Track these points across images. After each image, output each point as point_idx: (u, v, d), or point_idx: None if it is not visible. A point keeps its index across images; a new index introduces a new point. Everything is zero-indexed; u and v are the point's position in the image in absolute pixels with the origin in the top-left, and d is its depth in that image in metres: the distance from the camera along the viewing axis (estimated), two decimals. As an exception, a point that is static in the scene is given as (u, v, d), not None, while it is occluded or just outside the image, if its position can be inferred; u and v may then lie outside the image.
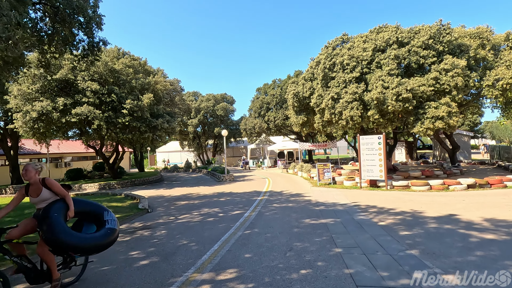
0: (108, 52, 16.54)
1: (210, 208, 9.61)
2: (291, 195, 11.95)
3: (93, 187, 17.40)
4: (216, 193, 13.45)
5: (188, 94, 40.52)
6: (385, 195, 10.94)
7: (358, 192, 11.91)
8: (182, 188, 16.07)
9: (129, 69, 15.87)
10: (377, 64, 14.91)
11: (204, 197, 12.22)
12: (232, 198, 11.55)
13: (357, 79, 15.16)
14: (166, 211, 9.60)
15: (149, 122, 15.89)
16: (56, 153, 29.54)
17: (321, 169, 15.17)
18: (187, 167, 33.08)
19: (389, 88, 13.72)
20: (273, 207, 9.43)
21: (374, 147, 12.73)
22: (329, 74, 16.30)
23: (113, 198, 11.52)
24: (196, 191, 14.34)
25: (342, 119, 15.20)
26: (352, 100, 14.59)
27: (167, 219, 8.25)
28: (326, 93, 16.09)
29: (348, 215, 7.87)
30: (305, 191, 13.02)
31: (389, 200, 9.78)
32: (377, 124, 15.12)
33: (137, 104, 14.99)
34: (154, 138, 16.94)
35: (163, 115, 17.38)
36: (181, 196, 12.93)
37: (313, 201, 10.30)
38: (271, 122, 30.78)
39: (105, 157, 19.09)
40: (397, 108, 13.49)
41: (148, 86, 16.57)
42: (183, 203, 11.06)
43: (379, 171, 12.51)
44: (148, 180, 19.29)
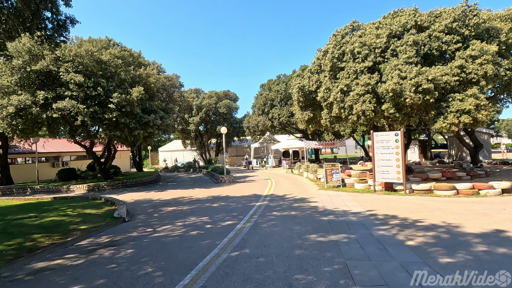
0: (96, 42, 15.22)
1: (198, 217, 8.14)
2: (295, 200, 10.43)
3: (82, 188, 16.13)
4: (210, 197, 11.99)
5: (190, 91, 39.17)
6: (405, 201, 9.33)
7: (372, 197, 10.32)
8: (176, 190, 14.67)
9: (117, 60, 14.49)
10: (392, 52, 13.25)
11: (196, 202, 10.78)
12: (227, 204, 10.07)
13: (369, 69, 13.52)
14: (146, 220, 8.18)
15: (140, 118, 14.51)
16: (53, 152, 28.51)
17: (329, 170, 13.59)
18: (188, 167, 31.77)
19: (406, 78, 12.06)
20: (272, 216, 7.93)
21: (390, 145, 11.11)
22: (338, 64, 14.68)
23: (90, 204, 10.15)
24: (189, 194, 12.92)
25: (353, 114, 13.59)
26: (364, 92, 12.97)
27: (142, 232, 6.82)
28: (335, 86, 14.49)
29: (364, 228, 6.31)
30: (311, 195, 11.48)
31: (412, 208, 8.17)
32: (392, 120, 13.46)
33: (126, 98, 13.62)
34: (147, 135, 15.56)
35: (156, 111, 15.99)
36: (171, 200, 11.52)
37: (320, 208, 8.76)
38: (276, 119, 29.20)
39: (96, 157, 17.83)
40: (416, 101, 11.83)
41: (139, 79, 15.20)
42: (170, 209, 9.63)
43: (396, 172, 10.88)
44: (142, 181, 17.95)
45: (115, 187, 16.41)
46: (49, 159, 28.82)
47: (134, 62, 17.27)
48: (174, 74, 26.17)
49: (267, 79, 33.37)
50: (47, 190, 16.66)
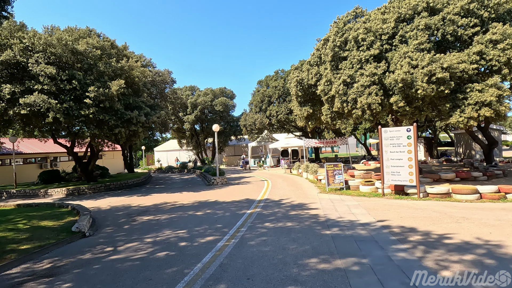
0: (72, 31, 13.81)
1: (175, 230, 6.76)
2: (292, 206, 9.04)
3: (60, 192, 14.75)
4: (197, 202, 10.61)
5: (185, 89, 37.78)
6: (421, 207, 7.93)
7: (382, 203, 8.93)
8: (161, 194, 13.28)
9: (96, 51, 13.08)
10: (401, 38, 11.85)
11: (179, 209, 9.39)
12: (213, 212, 8.68)
13: (375, 58, 12.12)
14: (112, 234, 6.79)
15: (121, 114, 13.10)
16: (40, 153, 27.09)
17: (330, 170, 12.20)
18: (183, 167, 30.38)
19: (418, 66, 10.66)
20: (263, 228, 6.54)
21: (401, 143, 9.71)
22: (340, 53, 13.27)
23: (52, 213, 8.71)
24: (174, 199, 11.53)
25: (357, 108, 12.20)
26: (370, 83, 11.58)
27: (99, 253, 5.43)
28: (337, 77, 13.09)
29: (378, 248, 4.93)
30: (310, 199, 10.09)
31: (432, 217, 6.78)
32: (401, 114, 12.07)
33: (104, 92, 12.22)
34: (131, 133, 14.17)
35: (141, 107, 14.60)
36: (151, 207, 10.13)
37: (322, 217, 7.37)
38: (273, 117, 27.79)
39: (77, 158, 16.44)
40: (429, 92, 10.44)
41: (121, 71, 13.78)
42: (146, 218, 8.24)
43: (408, 173, 9.49)
44: (127, 183, 16.56)
45: (97, 191, 15.02)
46: (37, 160, 27.44)
47: (119, 54, 15.86)
48: (166, 70, 24.75)
49: (265, 75, 31.94)
50: (24, 194, 15.29)
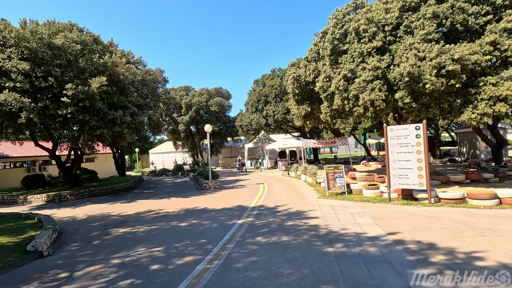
0: (50, 25, 12.78)
1: (150, 247, 5.74)
2: (289, 214, 8.05)
3: (40, 199, 13.69)
4: (184, 210, 9.59)
5: (179, 89, 36.78)
6: (435, 216, 6.96)
7: (389, 210, 7.94)
8: (147, 201, 12.26)
9: (76, 45, 12.06)
10: (406, 29, 10.91)
11: (162, 219, 8.37)
12: (199, 222, 7.67)
13: (378, 51, 11.17)
14: (75, 253, 5.77)
15: (104, 114, 12.08)
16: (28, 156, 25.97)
17: (331, 173, 11.21)
18: (177, 170, 29.31)
19: (426, 59, 9.72)
20: (254, 245, 5.54)
21: (409, 142, 8.74)
22: (340, 47, 12.32)
23: (15, 226, 7.62)
24: (160, 207, 10.51)
25: (359, 105, 11.25)
26: (373, 78, 10.63)
27: (48, 281, 4.42)
28: (336, 72, 12.13)
29: (395, 275, 3.94)
30: (309, 206, 9.10)
31: (452, 229, 5.80)
32: (407, 111, 11.13)
33: (84, 90, 11.19)
34: (116, 135, 13.14)
35: (127, 106, 13.58)
36: (132, 216, 9.10)
37: (322, 228, 6.39)
38: (270, 117, 26.81)
39: (60, 161, 15.38)
40: (438, 86, 9.50)
41: (103, 68, 12.76)
42: (121, 231, 7.22)
43: (417, 176, 8.52)
44: (114, 188, 15.50)
45: (79, 197, 13.96)
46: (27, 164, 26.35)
47: (104, 51, 14.83)
48: (158, 69, 23.75)
49: (262, 75, 31.01)
50: (1, 201, 14.21)
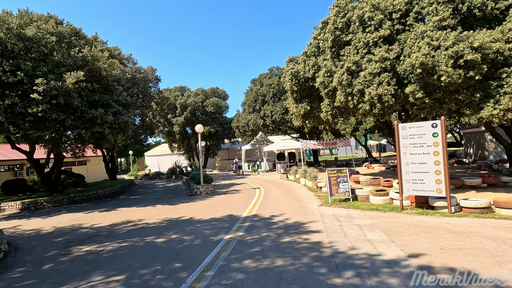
0: (22, 15, 11.60)
1: (109, 275, 4.56)
2: (286, 227, 6.86)
3: (14, 207, 12.48)
4: (166, 220, 8.39)
5: (174, 89, 35.65)
6: (463, 231, 5.78)
7: (404, 221, 6.76)
8: (129, 208, 11.05)
9: (51, 37, 10.90)
10: (416, 16, 9.79)
11: (138, 232, 7.18)
12: (180, 238, 6.47)
13: (385, 41, 10.04)
14: (12, 283, 4.58)
15: (82, 113, 10.90)
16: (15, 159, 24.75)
17: (333, 177, 10.03)
18: (171, 173, 28.10)
19: (441, 48, 8.59)
20: (240, 273, 4.36)
21: (425, 142, 7.58)
22: (342, 37, 11.19)
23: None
24: (141, 216, 9.31)
25: (364, 101, 10.09)
26: (381, 70, 9.48)
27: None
28: (339, 65, 10.99)
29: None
30: (310, 216, 7.92)
31: (489, 250, 4.63)
32: (418, 108, 9.97)
33: (57, 85, 10.02)
34: (98, 136, 11.97)
35: (110, 105, 12.41)
36: (106, 228, 7.90)
37: (326, 247, 5.21)
38: (268, 117, 25.64)
39: (38, 165, 14.17)
40: (455, 79, 8.35)
41: (82, 62, 11.59)
42: (84, 250, 6.03)
43: (435, 181, 7.35)
44: (97, 194, 14.28)
45: (57, 204, 12.75)
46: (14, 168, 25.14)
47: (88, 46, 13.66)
48: (149, 67, 22.60)
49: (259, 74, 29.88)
50: (-27, 209, 12.98)
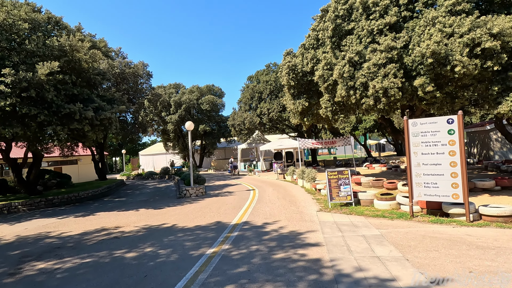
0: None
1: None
2: (280, 239, 5.91)
3: (-14, 210, 11.44)
4: (145, 228, 7.42)
5: (169, 87, 34.62)
6: (491, 246, 4.85)
7: (417, 232, 5.83)
8: (109, 213, 10.07)
9: (23, 24, 9.89)
10: (426, 1, 8.85)
11: (109, 244, 6.21)
12: (154, 252, 5.51)
13: (391, 29, 9.11)
14: None
15: (57, 108, 9.90)
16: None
17: (334, 179, 9.09)
18: (164, 173, 27.11)
19: (454, 35, 7.66)
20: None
21: (439, 140, 6.65)
22: (343, 26, 10.25)
23: None
24: (118, 222, 8.34)
25: (368, 96, 9.15)
26: (386, 61, 8.54)
27: None
28: (340, 56, 10.05)
29: None
30: (308, 224, 6.98)
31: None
32: (428, 103, 9.04)
33: (28, 76, 9.01)
34: (75, 133, 10.97)
35: (92, 99, 11.42)
36: (75, 238, 6.93)
37: (327, 267, 4.27)
38: (265, 115, 24.70)
39: (15, 164, 13.14)
40: (470, 69, 7.44)
41: (59, 53, 10.58)
42: (39, 267, 5.06)
43: (450, 185, 6.43)
44: (79, 196, 13.27)
45: (33, 208, 11.74)
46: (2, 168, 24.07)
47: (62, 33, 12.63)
48: (140, 62, 21.58)
49: (256, 71, 28.89)
50: None
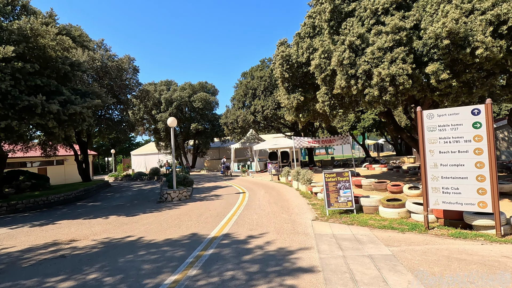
0: None
1: None
2: (264, 260, 4.64)
3: None
4: (103, 243, 6.12)
5: (160, 84, 33.25)
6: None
7: (438, 252, 4.61)
8: (73, 221, 8.75)
9: (-26, 3, 8.59)
10: (439, -25, 7.64)
11: (48, 267, 4.92)
12: (97, 282, 4.22)
13: (398, 8, 7.89)
14: None
15: (13, 99, 8.57)
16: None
17: (332, 182, 7.84)
18: (153, 174, 25.72)
19: (474, 12, 6.45)
20: None
21: (461, 135, 5.43)
22: (343, 8, 9.01)
23: None
24: (76, 234, 7.03)
25: (371, 85, 7.91)
26: (394, 44, 7.31)
27: None
28: (339, 41, 8.80)
29: None
30: (300, 239, 5.72)
31: None
32: (441, 94, 7.82)
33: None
34: (39, 130, 9.64)
35: (60, 91, 10.10)
36: (13, 256, 5.64)
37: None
38: (259, 113, 23.43)
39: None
40: (495, 52, 6.23)
41: (20, 38, 9.24)
42: None
43: (476, 191, 5.21)
44: (48, 200, 11.91)
45: (-8, 214, 10.39)
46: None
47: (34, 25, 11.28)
48: (126, 56, 20.22)
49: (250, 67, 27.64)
50: None
